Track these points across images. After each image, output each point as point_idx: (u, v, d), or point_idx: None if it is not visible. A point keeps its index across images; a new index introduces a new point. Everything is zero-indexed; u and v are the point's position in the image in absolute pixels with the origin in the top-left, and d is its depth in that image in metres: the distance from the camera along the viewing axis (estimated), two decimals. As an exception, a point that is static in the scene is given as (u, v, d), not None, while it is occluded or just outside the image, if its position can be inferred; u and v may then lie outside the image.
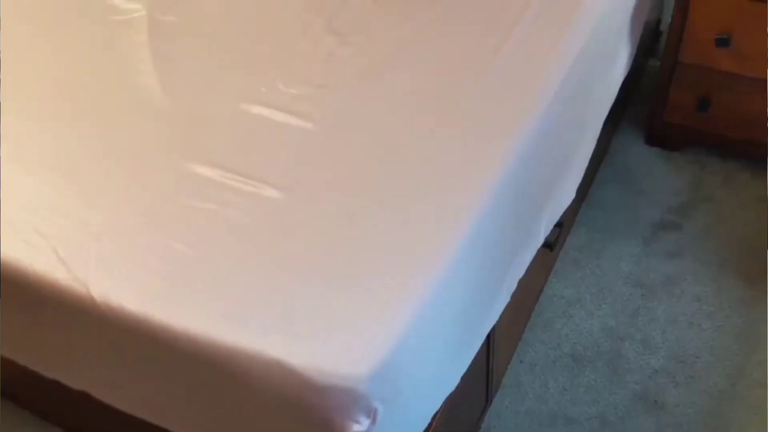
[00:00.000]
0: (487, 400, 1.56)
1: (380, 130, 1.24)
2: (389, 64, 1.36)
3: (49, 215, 1.14)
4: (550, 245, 1.51)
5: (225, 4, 1.55)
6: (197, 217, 1.12)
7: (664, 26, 2.26)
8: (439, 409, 1.15)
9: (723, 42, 1.76)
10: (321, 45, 1.43)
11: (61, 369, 1.22)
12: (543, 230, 1.42)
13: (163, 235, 1.10)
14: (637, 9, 1.75)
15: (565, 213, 1.51)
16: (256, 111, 1.30)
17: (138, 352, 1.06)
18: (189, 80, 1.37)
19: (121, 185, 1.19)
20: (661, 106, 2.01)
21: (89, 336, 1.10)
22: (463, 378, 1.18)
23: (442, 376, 1.14)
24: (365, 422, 0.95)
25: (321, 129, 1.25)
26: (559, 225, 1.52)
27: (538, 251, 1.42)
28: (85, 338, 1.11)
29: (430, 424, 1.14)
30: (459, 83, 1.31)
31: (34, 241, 1.10)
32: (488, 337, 1.29)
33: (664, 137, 2.09)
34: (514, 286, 1.32)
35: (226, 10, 1.54)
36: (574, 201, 1.54)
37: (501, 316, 1.29)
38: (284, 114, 1.29)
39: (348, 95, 1.31)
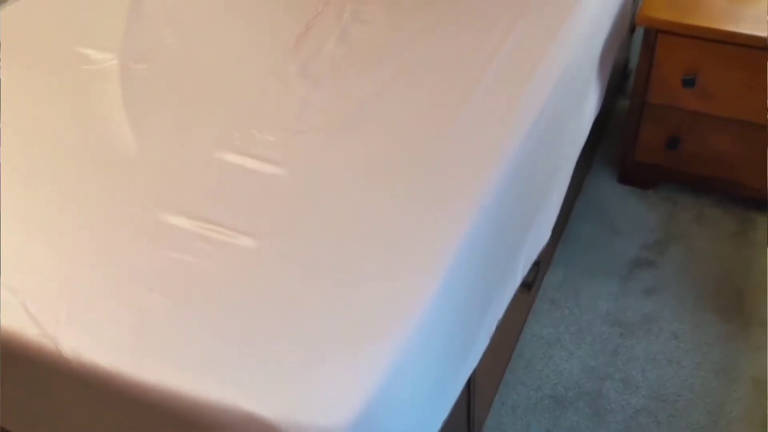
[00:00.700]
0: (470, 445, 1.54)
1: (354, 178, 1.24)
2: (363, 110, 1.37)
3: (19, 270, 1.12)
4: (528, 285, 1.51)
5: (198, 51, 1.56)
6: (170, 268, 1.10)
7: (632, 66, 2.32)
8: (421, 457, 1.12)
9: (689, 82, 1.80)
10: (295, 90, 1.43)
11: (33, 425, 1.18)
12: (521, 270, 1.42)
13: (135, 287, 1.08)
14: (605, 51, 1.79)
15: (541, 252, 1.52)
16: (230, 158, 1.29)
17: (111, 407, 1.03)
18: (161, 129, 1.36)
19: (91, 237, 1.17)
20: (631, 145, 2.04)
21: (61, 392, 1.07)
22: (444, 423, 1.16)
23: (423, 422, 1.12)
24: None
25: (295, 176, 1.25)
26: (536, 264, 1.52)
27: (517, 291, 1.42)
28: (57, 394, 1.08)
29: (412, 473, 1.12)
30: (431, 128, 1.32)
31: (3, 296, 1.08)
32: (469, 380, 1.28)
33: (636, 175, 2.12)
34: (493, 328, 1.31)
35: (200, 57, 1.54)
36: (550, 240, 1.55)
37: (481, 359, 1.28)
38: (258, 161, 1.28)
39: (322, 142, 1.31)
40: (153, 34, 1.61)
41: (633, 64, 2.30)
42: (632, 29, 2.15)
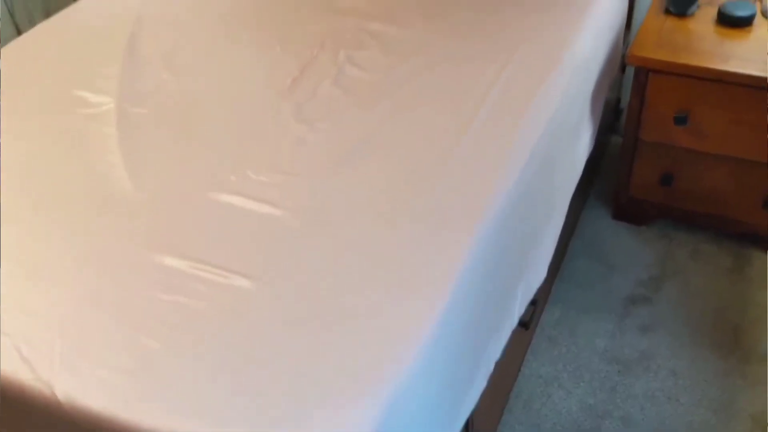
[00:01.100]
0: (469, 487, 1.52)
1: (349, 218, 1.24)
2: (357, 152, 1.38)
3: (12, 312, 1.11)
4: (525, 324, 1.51)
5: (195, 93, 1.57)
6: (165, 310, 1.10)
7: (624, 104, 2.34)
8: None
9: (681, 120, 1.82)
10: (290, 132, 1.45)
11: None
12: (517, 309, 1.42)
13: (130, 329, 1.08)
14: (596, 89, 1.81)
15: (538, 290, 1.52)
16: (225, 199, 1.30)
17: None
18: (157, 171, 1.37)
19: (86, 280, 1.17)
20: (625, 182, 2.06)
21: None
22: (442, 467, 1.15)
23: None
24: None
25: (290, 217, 1.25)
26: (533, 303, 1.52)
27: (514, 330, 1.41)
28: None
29: None
30: (425, 167, 1.33)
31: (-3, 339, 1.07)
32: (467, 422, 1.27)
33: (630, 212, 2.13)
34: (491, 368, 1.30)
35: (196, 99, 1.55)
36: (546, 277, 1.55)
37: (479, 400, 1.27)
38: (253, 202, 1.29)
39: (317, 183, 1.32)
40: (150, 77, 1.62)
41: (624, 102, 2.33)
42: (623, 68, 2.18)
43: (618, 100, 2.34)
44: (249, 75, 1.62)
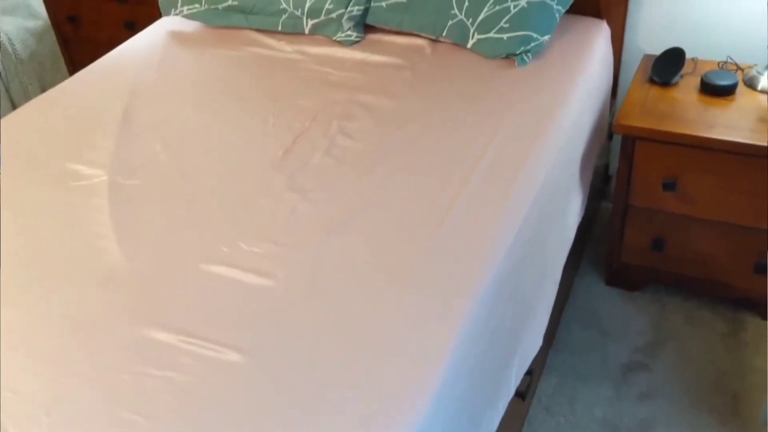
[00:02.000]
0: None
1: (341, 290, 1.23)
2: (350, 220, 1.38)
3: (1, 390, 1.09)
4: (521, 394, 1.49)
5: (187, 165, 1.58)
6: (153, 385, 1.08)
7: (612, 171, 2.37)
8: None
9: (669, 186, 1.84)
10: (283, 202, 1.45)
11: None
12: (514, 379, 1.40)
13: (117, 406, 1.05)
14: (585, 156, 1.84)
15: (534, 359, 1.50)
16: (217, 271, 1.29)
17: None
18: (149, 243, 1.37)
19: (73, 355, 1.15)
20: (617, 247, 2.06)
21: None
22: None
23: None
24: None
25: (283, 287, 1.25)
26: (529, 373, 1.50)
27: (510, 401, 1.39)
28: None
29: None
30: (417, 237, 1.33)
31: (-18, 419, 1.04)
32: (464, 498, 1.23)
33: (623, 278, 2.13)
34: (487, 441, 1.28)
35: (189, 171, 1.56)
36: (541, 346, 1.53)
37: (475, 475, 1.24)
38: (245, 273, 1.28)
39: (310, 252, 1.32)
40: (143, 149, 1.64)
41: (613, 168, 2.36)
42: (610, 135, 2.22)
43: (607, 167, 2.37)
44: (242, 146, 1.64)
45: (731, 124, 1.78)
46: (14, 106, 2.73)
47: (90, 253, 1.35)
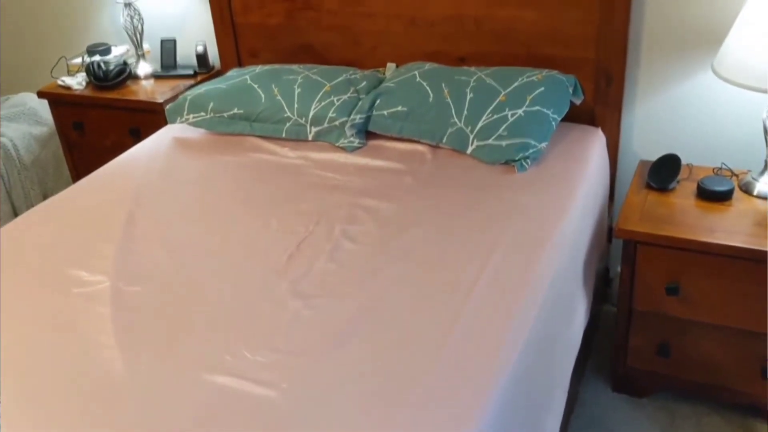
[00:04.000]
0: None
1: (347, 400, 1.20)
2: (353, 329, 1.37)
3: None
4: None
5: (190, 271, 1.57)
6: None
7: (613, 273, 2.37)
8: None
9: (672, 290, 1.84)
10: (286, 309, 1.43)
11: None
12: (524, 495, 1.34)
13: None
14: (587, 262, 1.84)
15: (543, 473, 1.45)
16: (220, 380, 1.26)
17: None
18: (151, 351, 1.34)
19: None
20: (622, 353, 2.03)
21: None
22: None
23: None
24: None
25: (286, 398, 1.21)
26: (538, 487, 1.44)
27: None
28: None
29: None
30: (423, 348, 1.30)
31: None
32: None
33: (630, 383, 2.08)
34: None
35: (192, 277, 1.55)
36: (551, 459, 1.48)
37: None
38: (249, 383, 1.25)
39: (314, 362, 1.29)
40: (146, 255, 1.64)
41: (613, 271, 2.36)
42: (610, 239, 2.23)
43: (607, 270, 2.37)
44: (245, 252, 1.63)
45: (730, 228, 1.79)
46: (15, 211, 2.74)
47: (91, 363, 1.32)
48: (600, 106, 2.15)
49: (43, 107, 2.82)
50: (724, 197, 1.89)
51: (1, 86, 3.21)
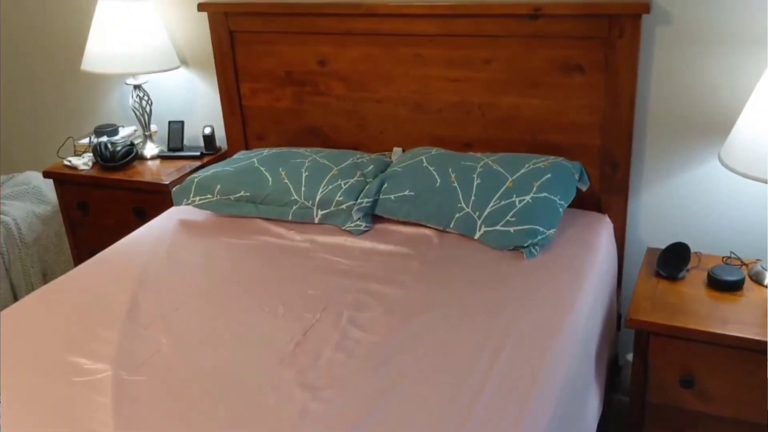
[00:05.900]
0: None
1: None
2: (362, 421, 1.32)
3: None
4: None
5: (195, 359, 1.53)
6: None
7: (622, 361, 2.33)
8: None
9: (687, 383, 1.79)
10: (293, 401, 1.39)
11: None
12: None
13: None
14: (599, 350, 1.80)
15: None
16: (224, 478, 1.21)
17: None
18: (152, 445, 1.29)
19: None
20: (636, 446, 1.97)
21: None
22: None
23: None
24: None
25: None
26: None
27: None
28: None
29: None
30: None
31: None
32: None
33: (644, 478, 2.01)
34: None
35: (196, 365, 1.51)
36: None
37: None
38: (254, 482, 1.19)
39: (324, 459, 1.24)
40: (149, 342, 1.59)
41: (622, 358, 2.32)
42: (618, 326, 2.20)
43: (616, 357, 2.32)
44: (250, 339, 1.60)
45: (743, 320, 1.77)
46: (13, 288, 2.70)
47: (90, 459, 1.26)
48: (606, 192, 2.16)
49: (47, 186, 2.82)
50: (735, 287, 1.87)
51: (9, 164, 3.22)
